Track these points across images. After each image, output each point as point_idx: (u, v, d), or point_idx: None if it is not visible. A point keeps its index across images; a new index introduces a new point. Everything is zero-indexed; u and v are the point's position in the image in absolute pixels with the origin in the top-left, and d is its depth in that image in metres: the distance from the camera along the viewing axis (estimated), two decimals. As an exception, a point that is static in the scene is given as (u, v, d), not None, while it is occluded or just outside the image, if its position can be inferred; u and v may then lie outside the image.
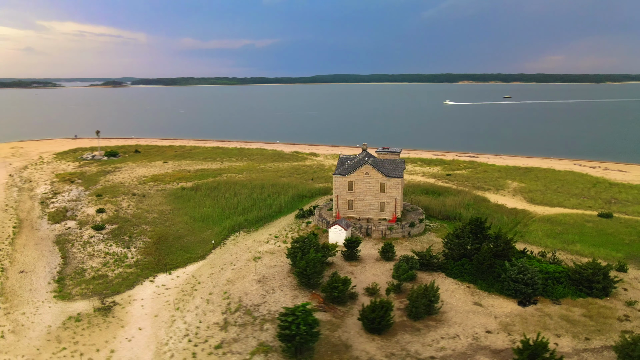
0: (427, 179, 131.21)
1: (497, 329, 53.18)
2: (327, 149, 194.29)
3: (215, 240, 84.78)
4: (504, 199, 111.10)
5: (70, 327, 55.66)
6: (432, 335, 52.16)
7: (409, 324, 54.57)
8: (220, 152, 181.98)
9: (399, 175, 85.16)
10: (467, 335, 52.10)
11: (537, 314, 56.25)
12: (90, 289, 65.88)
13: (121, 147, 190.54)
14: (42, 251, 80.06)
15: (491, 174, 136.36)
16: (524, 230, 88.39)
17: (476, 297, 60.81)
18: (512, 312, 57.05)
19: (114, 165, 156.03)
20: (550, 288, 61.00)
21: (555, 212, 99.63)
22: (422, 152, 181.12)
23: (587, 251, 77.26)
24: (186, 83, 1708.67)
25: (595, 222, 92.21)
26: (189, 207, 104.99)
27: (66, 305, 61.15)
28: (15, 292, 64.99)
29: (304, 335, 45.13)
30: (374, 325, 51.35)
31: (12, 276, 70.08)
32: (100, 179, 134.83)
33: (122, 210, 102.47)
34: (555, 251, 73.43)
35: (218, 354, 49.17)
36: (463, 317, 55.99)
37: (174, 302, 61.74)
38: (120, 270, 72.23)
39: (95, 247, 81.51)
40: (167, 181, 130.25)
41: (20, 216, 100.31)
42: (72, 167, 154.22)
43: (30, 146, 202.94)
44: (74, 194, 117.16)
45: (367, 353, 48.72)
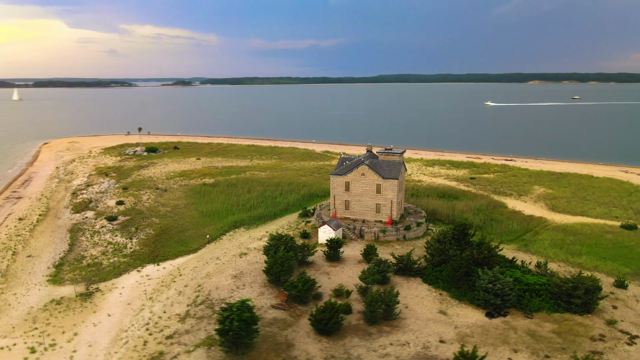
0: (448, 182, 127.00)
1: (452, 340, 50.95)
2: (360, 149, 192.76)
3: (212, 235, 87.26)
4: (523, 205, 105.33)
5: (49, 309, 59.83)
6: (382, 340, 50.93)
7: (363, 327, 53.59)
8: (253, 150, 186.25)
9: (394, 177, 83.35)
10: (418, 343, 50.37)
11: (502, 327, 53.22)
12: (81, 276, 70.30)
13: (163, 144, 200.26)
14: (54, 238, 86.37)
15: (520, 179, 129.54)
16: (531, 239, 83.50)
17: (444, 305, 58.51)
18: (476, 323, 54.37)
19: (150, 160, 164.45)
20: (525, 300, 57.41)
21: (574, 221, 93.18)
22: (455, 155, 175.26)
23: (591, 264, 71.77)
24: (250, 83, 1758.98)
25: (615, 234, 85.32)
26: (202, 202, 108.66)
27: (54, 289, 65.74)
28: (17, 274, 70.76)
29: (237, 331, 45.75)
30: (320, 326, 50.98)
31: (19, 260, 76.30)
32: (133, 173, 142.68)
33: (140, 203, 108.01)
34: (547, 262, 68.77)
35: (166, 343, 50.96)
36: (422, 324, 54.13)
37: (149, 292, 64.52)
38: (116, 259, 76.41)
39: (101, 237, 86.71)
40: (192, 177, 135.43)
41: (50, 205, 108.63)
42: (113, 161, 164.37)
43: (85, 141, 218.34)
44: (103, 187, 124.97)
45: (307, 354, 48.50)
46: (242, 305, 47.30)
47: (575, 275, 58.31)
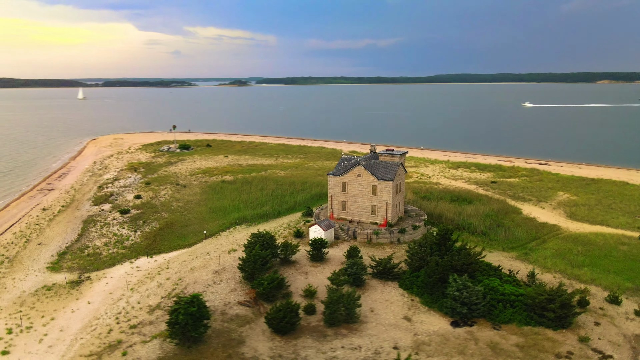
0: (467, 185, 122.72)
1: (407, 347, 49.50)
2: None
3: (212, 231, 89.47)
4: (540, 211, 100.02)
5: (38, 294, 63.87)
6: (335, 343, 50.35)
7: (321, 329, 53.20)
8: (282, 148, 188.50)
9: (389, 179, 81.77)
10: (370, 348, 49.36)
11: (464, 337, 51.04)
12: (79, 264, 74.41)
13: (198, 141, 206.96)
14: (67, 228, 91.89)
15: (545, 184, 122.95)
16: (535, 247, 79.28)
17: (412, 311, 56.89)
18: (438, 331, 52.47)
19: (181, 157, 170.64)
20: (497, 311, 54.69)
21: (590, 231, 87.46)
22: (486, 157, 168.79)
23: (590, 277, 67.19)
24: (305, 82, 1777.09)
25: (631, 246, 79.34)
26: (214, 198, 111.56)
27: (50, 275, 70.04)
28: (22, 260, 76.00)
29: (183, 325, 46.88)
30: (274, 325, 51.16)
31: (30, 247, 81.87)
32: (161, 169, 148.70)
33: (156, 198, 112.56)
34: (535, 272, 64.97)
35: (128, 332, 53.04)
36: (381, 329, 52.96)
37: (133, 282, 67.27)
38: (115, 250, 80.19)
39: (110, 229, 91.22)
40: (214, 174, 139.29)
41: (75, 197, 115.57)
42: (146, 157, 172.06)
43: (129, 138, 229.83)
44: (129, 181, 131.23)
45: (256, 351, 48.86)
46: (191, 300, 48.39)
47: (553, 287, 54.83)
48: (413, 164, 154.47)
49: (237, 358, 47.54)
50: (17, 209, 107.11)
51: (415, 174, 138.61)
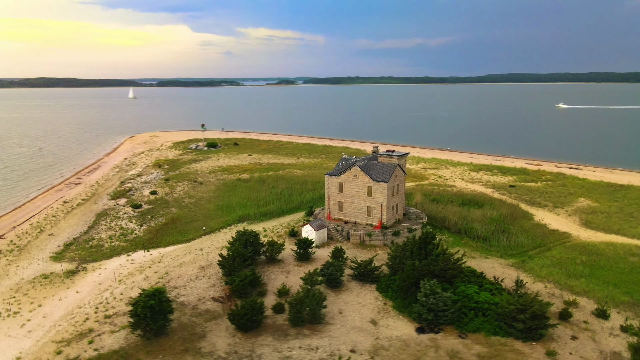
0: (484, 189, 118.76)
1: (364, 351, 48.79)
2: (418, 150, 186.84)
3: (212, 227, 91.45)
4: (553, 218, 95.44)
5: (35, 282, 67.75)
6: (294, 343, 50.39)
7: (285, 328, 53.36)
8: (306, 148, 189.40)
9: (384, 180, 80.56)
10: (327, 350, 49.03)
11: (425, 344, 49.69)
12: (80, 255, 78.21)
13: (227, 140, 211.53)
14: (80, 221, 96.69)
15: (567, 189, 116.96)
16: (536, 255, 75.89)
17: (380, 315, 55.95)
18: (401, 337, 51.34)
19: (206, 155, 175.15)
20: (466, 319, 52.85)
21: (602, 240, 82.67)
22: (514, 160, 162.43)
23: (585, 288, 63.57)
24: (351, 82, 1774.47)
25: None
26: (225, 196, 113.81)
27: (50, 265, 74.08)
28: (31, 249, 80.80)
29: (142, 317, 48.42)
30: (235, 321, 51.83)
31: (41, 237, 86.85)
32: (184, 166, 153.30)
33: (170, 194, 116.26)
34: (521, 281, 61.99)
35: (101, 322, 55.28)
36: (344, 332, 52.45)
37: (124, 274, 69.95)
38: (117, 243, 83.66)
39: (118, 222, 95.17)
40: (233, 172, 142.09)
41: (97, 192, 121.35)
42: (174, 154, 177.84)
43: (164, 136, 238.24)
44: (150, 177, 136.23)
45: (213, 346, 49.70)
46: (152, 293, 49.86)
47: (532, 297, 52.26)
48: (434, 165, 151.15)
49: (193, 352, 48.58)
50: (42, 201, 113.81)
51: (432, 175, 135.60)
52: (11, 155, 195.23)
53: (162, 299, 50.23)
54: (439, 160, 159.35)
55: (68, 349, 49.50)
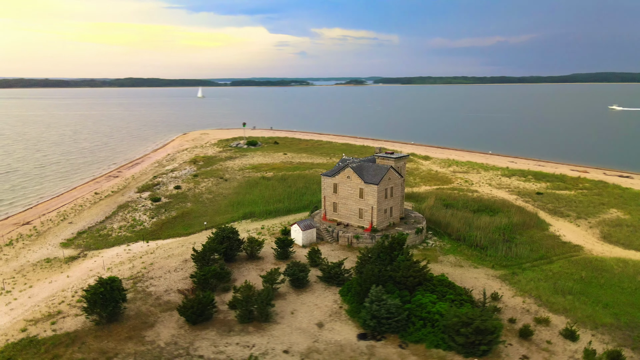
0: (507, 195, 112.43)
1: (297, 352, 48.56)
2: (456, 153, 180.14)
3: (216, 223, 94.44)
4: (571, 229, 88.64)
5: (37, 265, 74.01)
6: (233, 339, 51.24)
7: (232, 324, 54.33)
8: (343, 148, 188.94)
9: (375, 182, 79.02)
10: (262, 348, 49.37)
11: (360, 351, 48.49)
12: (87, 243, 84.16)
13: (269, 138, 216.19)
14: (101, 211, 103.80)
15: (601, 199, 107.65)
16: (530, 267, 71.13)
17: (330, 318, 55.25)
18: (340, 341, 50.44)
19: (244, 153, 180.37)
20: (412, 329, 50.87)
21: (616, 255, 75.79)
22: (557, 166, 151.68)
23: (567, 306, 58.73)
24: (421, 82, 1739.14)
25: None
26: (243, 192, 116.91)
27: (58, 250, 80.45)
28: (47, 235, 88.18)
29: (92, 303, 51.57)
30: (183, 314, 53.58)
31: (62, 225, 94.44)
32: (219, 163, 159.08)
33: (193, 189, 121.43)
34: (486, 293, 58.32)
35: (72, 305, 59.31)
36: (287, 332, 52.46)
37: (116, 263, 74.44)
38: (123, 233, 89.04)
39: (133, 214, 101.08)
40: (261, 170, 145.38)
41: (128, 185, 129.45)
42: (213, 151, 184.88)
43: (213, 133, 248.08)
44: (182, 173, 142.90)
45: (157, 336, 51.73)
46: (104, 282, 52.88)
47: (475, 310, 49.29)
48: (465, 169, 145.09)
49: (136, 339, 50.96)
50: (78, 192, 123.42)
51: (459, 179, 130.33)
52: (75, 149, 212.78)
53: (114, 288, 53.11)
54: (473, 164, 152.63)
55: (32, 328, 53.79)
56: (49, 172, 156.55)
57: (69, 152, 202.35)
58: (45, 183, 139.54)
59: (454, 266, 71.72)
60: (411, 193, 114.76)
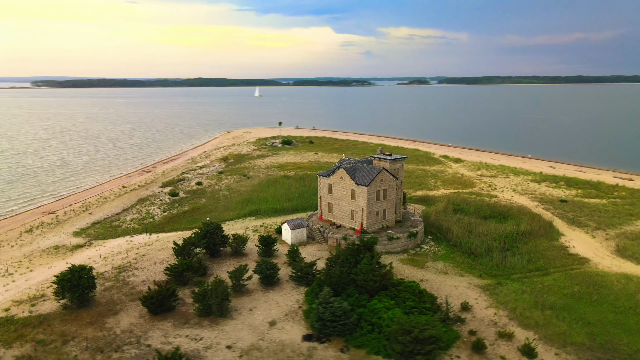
0: (529, 202, 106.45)
1: (238, 349, 49.22)
2: (492, 156, 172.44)
3: (220, 219, 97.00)
4: (585, 240, 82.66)
5: (45, 251, 79.95)
6: (185, 331, 52.78)
7: (191, 317, 55.97)
8: (374, 149, 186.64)
9: (364, 184, 77.88)
10: (208, 342, 50.47)
11: (299, 352, 48.28)
12: (97, 233, 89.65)
13: (305, 137, 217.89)
14: (121, 204, 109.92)
15: (631, 209, 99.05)
16: (519, 279, 67.32)
17: (286, 317, 55.37)
18: (283, 341, 50.47)
19: (276, 151, 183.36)
20: (358, 333, 49.95)
21: (624, 271, 70.11)
22: (599, 172, 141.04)
23: (539, 321, 55.07)
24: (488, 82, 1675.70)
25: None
26: (259, 190, 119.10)
27: (69, 238, 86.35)
28: (64, 224, 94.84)
29: (60, 289, 55.12)
30: (144, 304, 55.90)
31: (81, 215, 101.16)
32: (248, 161, 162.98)
33: (213, 186, 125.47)
34: (449, 302, 55.71)
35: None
36: (238, 328, 53.23)
37: (114, 253, 78.74)
38: (132, 225, 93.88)
39: (148, 207, 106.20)
40: (286, 168, 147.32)
41: (155, 180, 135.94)
42: (247, 149, 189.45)
43: (255, 132, 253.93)
44: (209, 170, 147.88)
45: (117, 323, 54.20)
46: (74, 269, 56.31)
47: (420, 318, 47.47)
48: (494, 173, 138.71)
49: (96, 325, 53.87)
50: (109, 185, 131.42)
51: (482, 184, 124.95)
52: (127, 145, 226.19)
53: (82, 275, 56.41)
54: (505, 168, 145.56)
55: (14, 308, 58.33)
56: (96, 166, 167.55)
57: (120, 148, 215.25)
58: (88, 176, 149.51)
59: (438, 273, 69.27)
60: (425, 196, 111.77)
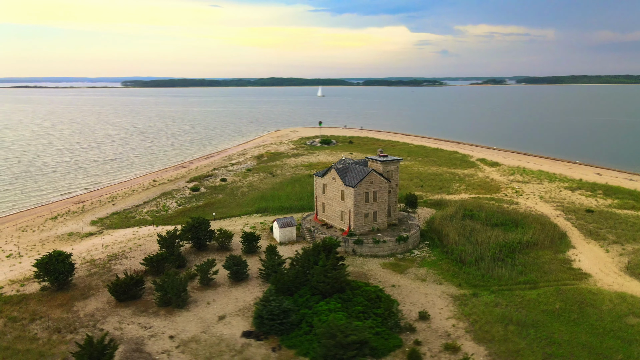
0: (551, 210, 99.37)
1: (179, 339, 50.86)
2: (535, 160, 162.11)
3: (227, 215, 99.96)
4: (596, 254, 76.16)
5: (59, 237, 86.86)
6: (139, 319, 55.22)
7: (151, 305, 58.58)
8: (414, 150, 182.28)
9: (351, 185, 76.84)
10: (154, 331, 52.58)
11: (231, 347, 49.00)
12: (112, 223, 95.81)
13: (349, 137, 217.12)
14: (144, 197, 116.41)
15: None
16: (500, 290, 63.53)
17: (237, 313, 56.25)
18: (223, 335, 51.42)
19: (312, 151, 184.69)
20: (294, 334, 49.77)
21: (624, 291, 64.08)
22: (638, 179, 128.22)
23: (497, 337, 51.73)
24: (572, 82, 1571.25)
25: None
26: (278, 188, 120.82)
27: (84, 227, 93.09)
28: (87, 213, 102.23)
29: (38, 271, 59.95)
30: (110, 290, 59.23)
31: (105, 206, 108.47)
32: (281, 159, 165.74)
33: (236, 183, 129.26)
34: (398, 309, 53.45)
35: (49, 273, 69.09)
36: (188, 319, 54.89)
37: (117, 242, 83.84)
38: (145, 217, 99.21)
39: (166, 201, 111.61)
40: (315, 167, 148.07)
41: (186, 175, 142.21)
42: (285, 148, 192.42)
43: (302, 131, 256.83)
44: (239, 167, 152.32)
45: (83, 307, 57.86)
46: (53, 255, 60.95)
47: (348, 322, 46.37)
48: (527, 179, 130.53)
49: (64, 307, 57.95)
50: (143, 179, 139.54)
51: (509, 189, 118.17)
52: (179, 141, 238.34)
53: (59, 260, 60.89)
54: (542, 174, 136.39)
55: (7, 287, 64.11)
56: (142, 161, 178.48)
57: (172, 145, 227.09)
58: (133, 170, 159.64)
59: (416, 280, 66.95)
60: (441, 200, 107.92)
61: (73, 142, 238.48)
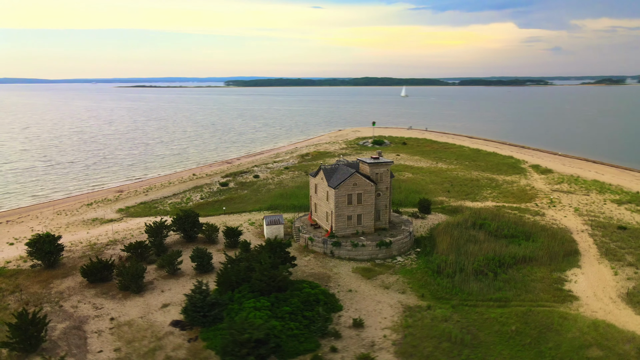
0: (577, 224, 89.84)
1: (117, 322, 54.35)
2: (595, 167, 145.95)
3: (239, 210, 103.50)
4: (600, 277, 68.10)
5: (84, 222, 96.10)
6: (97, 300, 59.76)
7: (114, 289, 63.06)
8: (465, 154, 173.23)
9: (333, 186, 75.97)
10: (103, 313, 56.68)
11: (154, 334, 51.38)
12: (134, 212, 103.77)
13: (407, 139, 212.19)
14: (176, 189, 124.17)
15: None
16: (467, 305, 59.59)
17: (182, 303, 58.54)
18: (155, 322, 54.06)
19: (360, 150, 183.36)
20: (214, 327, 51.02)
21: (603, 319, 56.69)
22: None
23: (423, 352, 48.86)
24: None
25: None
26: (302, 187, 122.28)
27: (110, 214, 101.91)
28: (118, 202, 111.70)
29: (29, 250, 67.42)
30: (82, 273, 64.76)
31: (137, 196, 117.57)
32: (324, 159, 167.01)
33: (266, 180, 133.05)
34: (361, 319, 51.93)
35: (53, 252, 77.14)
36: (136, 305, 58.26)
37: (125, 229, 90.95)
38: (166, 208, 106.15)
39: (192, 194, 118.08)
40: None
41: (226, 171, 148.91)
42: (335, 147, 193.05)
43: (363, 131, 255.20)
44: (279, 165, 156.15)
45: (59, 285, 63.76)
46: (39, 236, 68.14)
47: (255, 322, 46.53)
48: (575, 188, 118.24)
49: (43, 284, 64.52)
50: (185, 172, 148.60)
51: (544, 199, 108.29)
52: (245, 138, 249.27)
53: (46, 241, 67.93)
54: (595, 184, 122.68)
55: (13, 262, 72.73)
56: (198, 157, 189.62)
57: (235, 141, 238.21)
58: (183, 164, 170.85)
59: (379, 286, 64.75)
60: (460, 206, 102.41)
61: (153, 137, 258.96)
